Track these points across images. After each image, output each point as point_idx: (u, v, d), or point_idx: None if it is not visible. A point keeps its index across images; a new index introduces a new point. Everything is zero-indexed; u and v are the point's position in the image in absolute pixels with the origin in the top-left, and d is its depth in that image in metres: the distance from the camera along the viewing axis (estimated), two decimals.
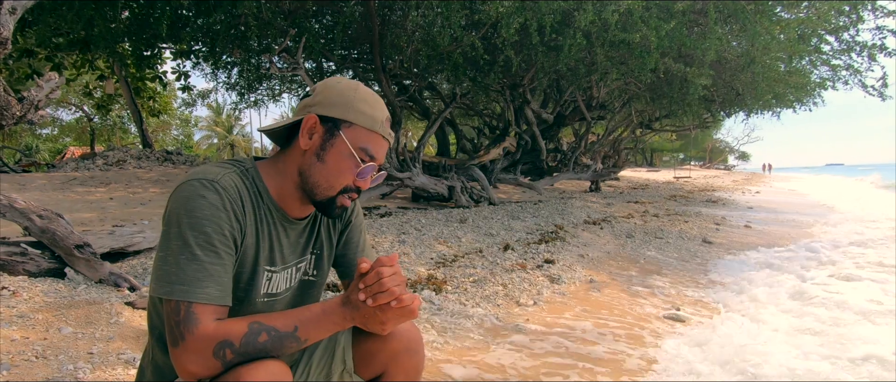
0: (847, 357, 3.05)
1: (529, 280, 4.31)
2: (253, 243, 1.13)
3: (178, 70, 7.96)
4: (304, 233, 1.27)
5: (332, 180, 1.14)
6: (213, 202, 1.04)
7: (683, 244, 6.78)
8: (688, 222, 8.69)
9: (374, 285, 1.03)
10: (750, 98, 10.77)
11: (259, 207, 1.15)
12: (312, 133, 1.14)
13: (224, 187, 1.07)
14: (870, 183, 29.27)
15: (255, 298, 1.17)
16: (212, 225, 1.03)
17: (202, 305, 1.00)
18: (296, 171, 1.16)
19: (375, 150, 1.15)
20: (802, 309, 4.11)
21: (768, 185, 27.03)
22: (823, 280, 5.09)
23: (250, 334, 1.01)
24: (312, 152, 1.14)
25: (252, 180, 1.15)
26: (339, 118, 1.13)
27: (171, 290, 1.00)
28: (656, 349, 3.09)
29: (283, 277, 1.22)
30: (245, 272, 1.14)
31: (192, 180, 1.06)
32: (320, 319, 1.07)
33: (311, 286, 1.32)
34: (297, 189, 1.17)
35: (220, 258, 1.04)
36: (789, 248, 7.09)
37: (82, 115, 22.54)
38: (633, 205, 10.73)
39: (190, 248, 1.01)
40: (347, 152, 1.13)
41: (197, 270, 1.00)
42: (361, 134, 1.14)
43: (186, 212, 1.03)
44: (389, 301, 1.02)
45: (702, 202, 13.31)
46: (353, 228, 1.37)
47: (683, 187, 19.68)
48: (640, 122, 16.22)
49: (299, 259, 1.26)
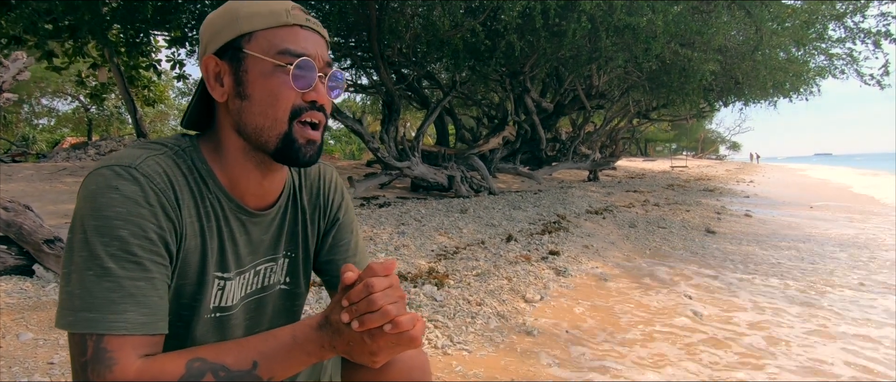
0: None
1: (535, 273, 4.19)
2: (197, 245, 0.86)
3: (173, 58, 7.74)
4: (271, 229, 0.98)
5: (271, 111, 0.84)
6: (129, 196, 0.77)
7: (687, 234, 6.69)
8: (689, 212, 8.61)
9: (361, 302, 0.74)
10: (749, 87, 10.69)
11: (202, 197, 0.87)
12: (220, 77, 0.87)
13: (146, 175, 0.79)
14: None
15: (203, 314, 0.90)
16: (129, 227, 0.76)
17: (118, 337, 0.73)
18: (233, 133, 0.88)
19: (300, 43, 0.85)
20: (812, 308, 4.03)
21: (762, 174, 27.08)
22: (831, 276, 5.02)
23: (189, 376, 0.74)
24: (233, 95, 0.86)
25: (192, 163, 0.87)
26: (232, 39, 0.85)
27: (75, 320, 0.73)
28: (677, 346, 2.99)
29: (237, 284, 0.94)
30: (188, 282, 0.87)
31: (101, 169, 0.78)
32: (289, 349, 0.79)
33: (284, 297, 1.04)
34: (246, 156, 0.89)
35: (144, 272, 0.77)
36: (791, 239, 7.02)
37: (79, 105, 22.18)
38: (632, 194, 10.64)
39: (98, 260, 0.74)
40: (268, 68, 0.84)
41: (110, 289, 0.73)
42: (270, 36, 0.84)
43: (93, 212, 0.75)
44: (382, 325, 0.74)
45: (699, 192, 13.25)
46: (342, 226, 1.08)
47: (680, 176, 19.64)
48: (638, 111, 16.11)
49: (261, 261, 0.98)
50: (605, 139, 17.22)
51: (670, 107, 15.30)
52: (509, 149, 11.23)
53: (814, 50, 11.34)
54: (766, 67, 9.16)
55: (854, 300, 4.17)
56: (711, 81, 10.99)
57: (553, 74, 11.37)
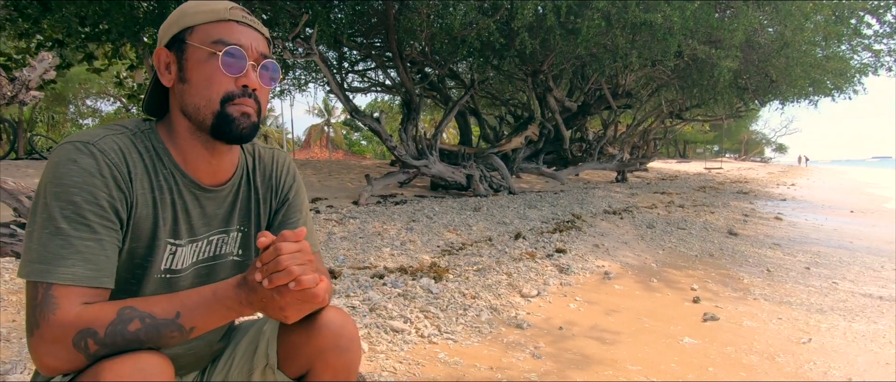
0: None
1: (536, 270, 4.19)
2: (149, 214, 0.99)
3: None
4: (225, 204, 1.10)
5: (205, 92, 0.97)
6: (85, 168, 0.89)
7: (707, 236, 6.52)
8: (714, 213, 8.38)
9: (270, 263, 0.85)
10: (784, 85, 10.29)
11: (157, 172, 1.00)
12: (168, 66, 1.01)
13: (102, 150, 0.92)
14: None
15: (154, 274, 1.02)
16: (82, 194, 0.88)
17: (64, 287, 0.85)
18: (180, 115, 1.01)
19: (234, 36, 0.98)
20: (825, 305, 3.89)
21: (807, 178, 25.98)
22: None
23: (119, 321, 0.85)
24: (176, 80, 1.00)
25: (149, 143, 1.01)
26: (177, 32, 0.99)
27: (30, 270, 0.85)
28: (680, 346, 2.94)
29: (189, 250, 1.06)
30: (140, 245, 0.99)
31: (65, 144, 0.92)
32: (209, 303, 0.90)
33: (235, 268, 1.15)
34: (193, 136, 1.02)
35: (93, 233, 0.88)
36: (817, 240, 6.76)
37: (121, 106, 23.23)
38: (658, 195, 10.42)
39: (54, 221, 0.86)
40: (203, 56, 0.97)
41: (61, 246, 0.86)
42: (208, 30, 0.98)
43: (53, 179, 0.88)
44: (287, 283, 0.85)
45: (732, 194, 12.85)
46: (291, 206, 1.19)
47: (714, 178, 19.08)
48: (670, 111, 15.73)
49: (214, 232, 1.09)
50: (636, 140, 16.88)
51: (704, 107, 14.89)
52: (533, 149, 11.16)
53: (857, 46, 10.85)
54: (801, 65, 8.82)
55: (878, 309, 4.01)
56: (745, 79, 10.67)
57: (578, 73, 11.24)
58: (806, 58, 8.76)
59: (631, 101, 12.13)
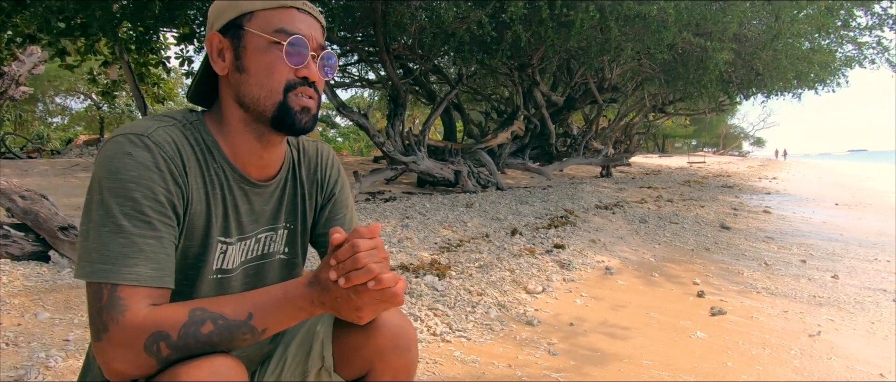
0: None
1: (538, 266, 4.11)
2: (202, 210, 0.94)
3: (182, 55, 7.77)
4: (272, 201, 1.06)
5: (266, 83, 0.93)
6: (141, 161, 0.85)
7: (700, 230, 6.53)
8: (704, 208, 8.42)
9: (347, 260, 0.81)
10: (770, 78, 10.37)
11: (208, 166, 0.95)
12: (222, 52, 0.95)
13: (157, 143, 0.87)
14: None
15: (207, 275, 0.98)
16: (141, 190, 0.84)
17: (130, 287, 0.81)
18: (234, 105, 0.96)
19: (294, 24, 0.94)
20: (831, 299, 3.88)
21: (787, 171, 26.46)
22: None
23: (191, 323, 0.81)
24: (233, 69, 0.94)
25: (199, 135, 0.95)
26: (234, 18, 0.94)
27: (93, 271, 0.81)
28: (690, 344, 2.88)
29: (238, 249, 1.01)
30: (193, 244, 0.95)
31: (117, 137, 0.87)
32: (281, 303, 0.85)
33: (283, 266, 1.11)
34: (247, 128, 0.97)
35: (153, 230, 0.84)
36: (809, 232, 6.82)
37: (91, 103, 22.56)
38: (645, 190, 10.46)
39: (113, 218, 0.82)
40: (264, 44, 0.92)
41: (123, 245, 0.81)
42: (268, 16, 0.93)
43: (109, 175, 0.83)
44: (366, 282, 0.80)
45: (717, 188, 12.98)
46: (337, 202, 1.16)
47: (697, 172, 19.29)
48: (653, 105, 15.83)
49: (262, 230, 1.05)
50: (618, 134, 16.96)
51: (687, 100, 15.01)
52: (518, 144, 11.09)
53: (841, 38, 10.95)
54: (788, 57, 8.88)
55: (875, 301, 4.02)
56: (730, 72, 10.72)
57: (564, 67, 11.20)
58: (793, 50, 8.83)
59: (616, 95, 12.15)
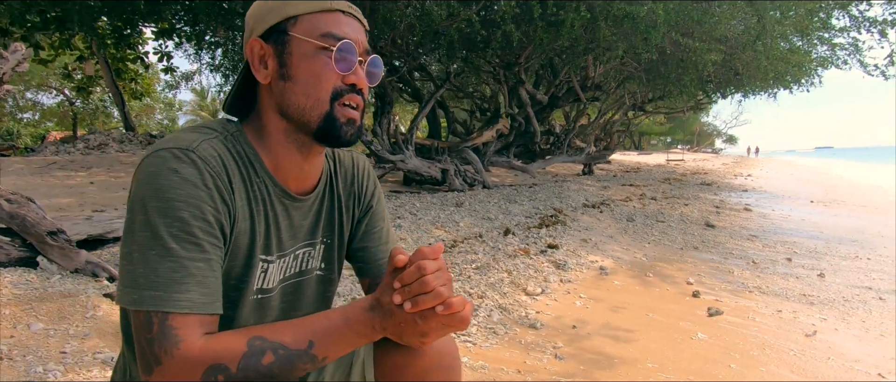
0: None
1: (534, 267, 4.11)
2: (247, 228, 0.89)
3: (160, 51, 7.58)
4: (310, 215, 1.00)
5: (313, 91, 0.88)
6: (189, 178, 0.79)
7: (686, 228, 6.62)
8: (688, 206, 8.55)
9: (413, 284, 0.76)
10: (749, 78, 10.58)
11: (252, 181, 0.89)
12: (264, 59, 0.90)
13: (203, 158, 0.81)
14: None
15: (248, 296, 0.92)
16: (189, 209, 0.78)
17: (182, 316, 0.76)
18: (276, 115, 0.91)
19: (341, 28, 0.89)
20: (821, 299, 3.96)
21: (759, 168, 27.06)
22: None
23: (251, 354, 0.77)
24: (276, 77, 0.89)
25: (241, 148, 0.89)
26: (278, 22, 0.88)
27: (140, 298, 0.75)
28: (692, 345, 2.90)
29: (277, 267, 0.96)
30: (236, 264, 0.89)
31: (160, 151, 0.80)
32: (341, 330, 0.81)
33: (319, 283, 1.06)
34: (289, 140, 0.91)
35: (202, 252, 0.79)
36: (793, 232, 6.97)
37: (64, 98, 21.88)
38: (629, 188, 10.58)
39: (161, 240, 0.76)
40: (310, 50, 0.87)
41: (172, 269, 0.76)
42: (314, 20, 0.88)
43: (154, 193, 0.78)
44: (435, 306, 0.76)
45: (697, 186, 13.20)
46: (375, 214, 1.11)
47: (675, 170, 19.61)
48: (633, 104, 16.03)
49: (300, 246, 1.00)
50: (599, 132, 17.13)
51: (667, 99, 15.22)
52: (503, 142, 11.12)
53: (817, 40, 11.23)
54: (768, 58, 9.06)
55: (863, 300, 4.12)
56: (711, 71, 10.91)
57: (547, 66, 11.25)
58: (772, 51, 9.01)
59: (599, 93, 12.25)
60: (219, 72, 9.21)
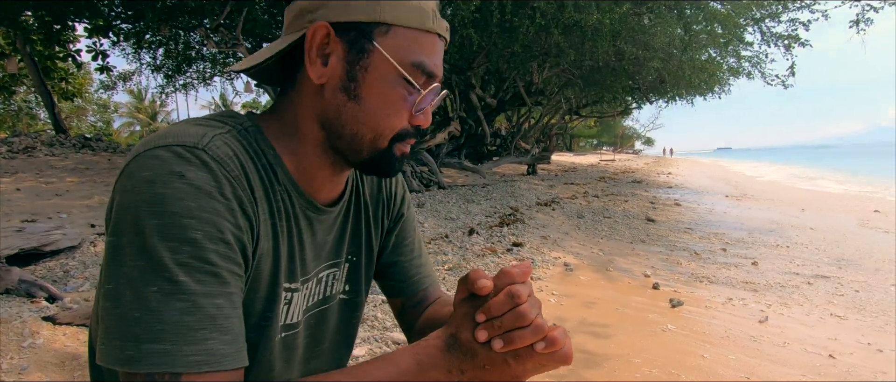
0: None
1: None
2: (269, 249, 0.69)
3: (94, 49, 7.10)
4: (334, 229, 0.83)
5: (377, 125, 0.70)
6: (200, 185, 0.59)
7: (631, 223, 7.05)
8: (628, 202, 9.08)
9: (505, 316, 0.60)
10: (673, 85, 11.41)
11: (273, 190, 0.70)
12: (326, 54, 0.69)
13: (217, 158, 0.62)
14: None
15: (272, 336, 0.74)
16: (203, 227, 0.58)
17: (201, 376, 0.56)
18: (314, 122, 0.72)
19: (434, 60, 0.71)
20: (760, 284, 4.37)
21: (677, 167, 29.02)
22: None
23: None
24: (336, 86, 0.69)
25: (258, 147, 0.70)
26: (367, 22, 0.67)
27: (138, 354, 0.54)
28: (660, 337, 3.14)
29: (302, 296, 0.78)
30: (258, 296, 0.70)
31: (156, 150, 0.60)
32: (414, 375, 0.63)
33: (344, 309, 0.88)
34: (324, 153, 0.74)
35: (222, 285, 0.59)
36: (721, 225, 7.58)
37: None
38: (572, 187, 11.06)
39: (165, 272, 0.56)
40: (392, 77, 0.69)
41: (183, 311, 0.56)
42: (409, 38, 0.69)
43: (153, 207, 0.57)
44: (533, 343, 0.60)
45: (628, 184, 13.99)
46: (406, 223, 0.95)
47: (607, 169, 20.64)
48: (569, 108, 16.75)
49: (324, 267, 0.83)
50: (539, 135, 17.75)
51: (600, 104, 16.02)
52: (454, 144, 11.32)
53: (728, 53, 12.31)
54: (691, 68, 9.81)
55: (795, 285, 4.58)
56: (638, 79, 11.67)
57: (494, 71, 11.58)
58: (694, 61, 9.77)
59: (541, 98, 12.73)
60: (160, 72, 8.74)
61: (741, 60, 12.34)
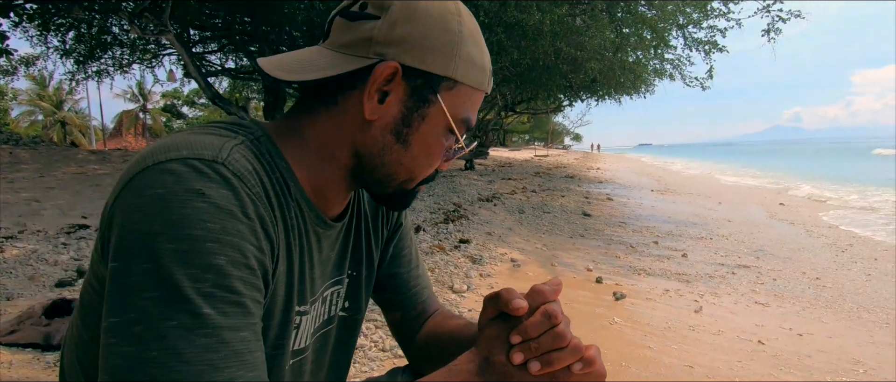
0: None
1: (453, 263, 4.28)
2: (284, 272, 0.66)
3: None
4: (338, 244, 0.80)
5: (415, 170, 0.71)
6: (223, 205, 0.54)
7: (569, 218, 7.29)
8: (564, 197, 9.38)
9: (543, 337, 0.59)
10: (605, 84, 11.92)
11: (287, 206, 0.66)
12: (386, 95, 0.66)
13: (238, 173, 0.57)
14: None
15: (284, 364, 0.71)
16: (226, 252, 0.53)
17: None
18: (347, 151, 0.69)
19: (474, 115, 0.73)
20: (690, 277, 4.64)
21: (604, 162, 30.40)
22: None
23: None
24: (387, 126, 0.67)
25: (271, 160, 0.65)
26: (438, 75, 0.66)
27: None
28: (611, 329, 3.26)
29: (310, 319, 0.75)
30: (273, 322, 0.67)
31: (170, 163, 0.55)
32: None
33: (343, 328, 0.85)
34: (345, 177, 0.72)
35: (247, 316, 0.55)
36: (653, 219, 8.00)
37: None
38: (510, 182, 11.28)
39: (187, 303, 0.50)
40: (441, 129, 0.68)
41: (208, 347, 0.51)
42: (465, 96, 0.69)
43: (170, 229, 0.51)
44: (571, 364, 0.60)
45: (562, 179, 14.48)
46: (404, 234, 0.93)
47: (542, 164, 21.24)
48: (505, 104, 17.08)
49: (328, 285, 0.79)
50: (476, 130, 18.02)
51: (534, 101, 16.44)
52: None
53: (653, 56, 13.02)
54: (621, 68, 10.26)
55: (721, 275, 4.90)
56: (571, 77, 12.09)
57: None
58: (625, 63, 10.23)
59: None
60: (70, 58, 7.99)
61: (664, 62, 13.10)
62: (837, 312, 3.89)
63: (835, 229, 7.84)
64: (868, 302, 4.11)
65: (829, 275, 4.90)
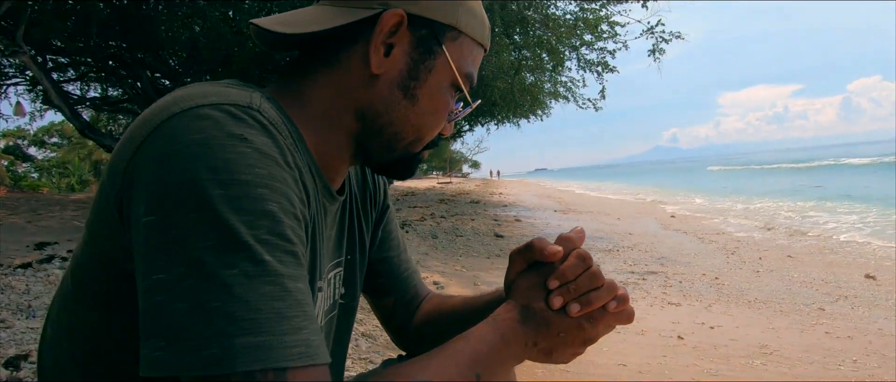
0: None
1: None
2: (310, 235, 0.62)
3: None
4: (337, 221, 0.75)
5: (422, 128, 0.68)
6: (267, 152, 0.50)
7: (482, 240, 7.30)
8: (474, 220, 9.44)
9: (581, 279, 0.60)
10: (504, 107, 12.28)
11: (307, 168, 0.63)
12: (391, 48, 0.63)
13: (272, 121, 0.53)
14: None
15: None
16: (277, 198, 0.49)
17: (302, 370, 0.45)
18: (350, 114, 0.65)
19: (475, 72, 0.71)
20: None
21: (505, 188, 31.44)
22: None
23: None
24: (393, 80, 0.64)
25: (286, 119, 0.60)
26: (443, 23, 0.64)
27: (230, 352, 0.43)
28: None
29: (322, 298, 0.71)
30: None
31: (202, 108, 0.50)
32: (501, 352, 0.59)
33: (341, 315, 0.81)
34: (349, 144, 0.67)
35: (300, 267, 0.50)
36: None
37: None
38: (417, 209, 11.19)
39: (248, 251, 0.46)
40: (446, 83, 0.66)
41: (274, 295, 0.45)
42: (469, 48, 0.68)
43: (216, 173, 0.47)
44: (606, 303, 0.61)
45: (468, 204, 14.66)
46: (391, 216, 0.91)
47: (445, 191, 21.44)
48: None
49: (330, 266, 0.75)
50: None
51: None
52: None
53: (547, 79, 13.68)
54: (520, 90, 10.63)
55: (634, 282, 5.09)
56: (496, 98, 12.31)
57: None
58: (523, 84, 10.63)
59: None
60: None
61: (557, 84, 13.79)
62: (740, 305, 4.16)
63: (722, 234, 8.57)
64: (762, 295, 4.45)
65: (725, 275, 5.28)
